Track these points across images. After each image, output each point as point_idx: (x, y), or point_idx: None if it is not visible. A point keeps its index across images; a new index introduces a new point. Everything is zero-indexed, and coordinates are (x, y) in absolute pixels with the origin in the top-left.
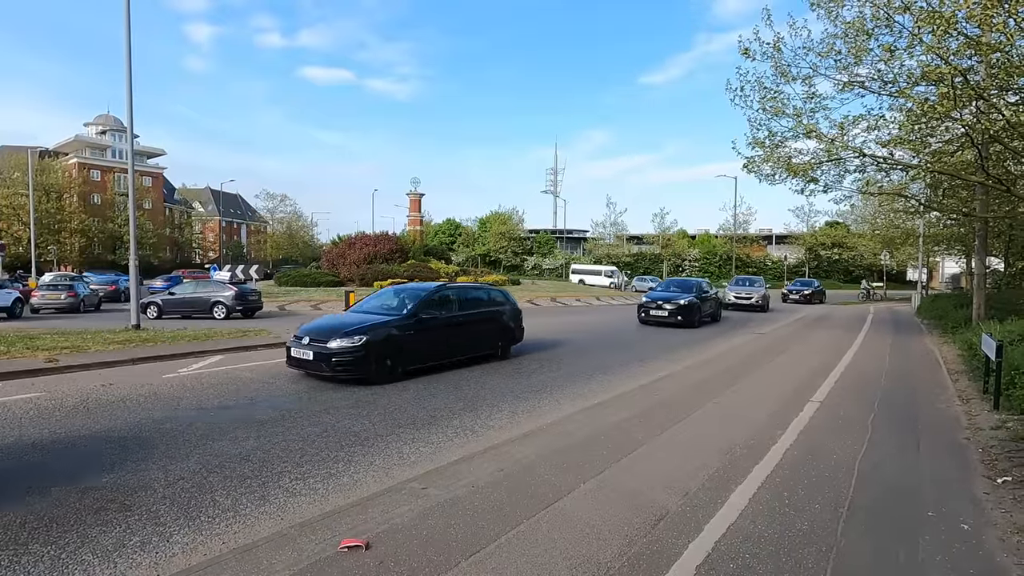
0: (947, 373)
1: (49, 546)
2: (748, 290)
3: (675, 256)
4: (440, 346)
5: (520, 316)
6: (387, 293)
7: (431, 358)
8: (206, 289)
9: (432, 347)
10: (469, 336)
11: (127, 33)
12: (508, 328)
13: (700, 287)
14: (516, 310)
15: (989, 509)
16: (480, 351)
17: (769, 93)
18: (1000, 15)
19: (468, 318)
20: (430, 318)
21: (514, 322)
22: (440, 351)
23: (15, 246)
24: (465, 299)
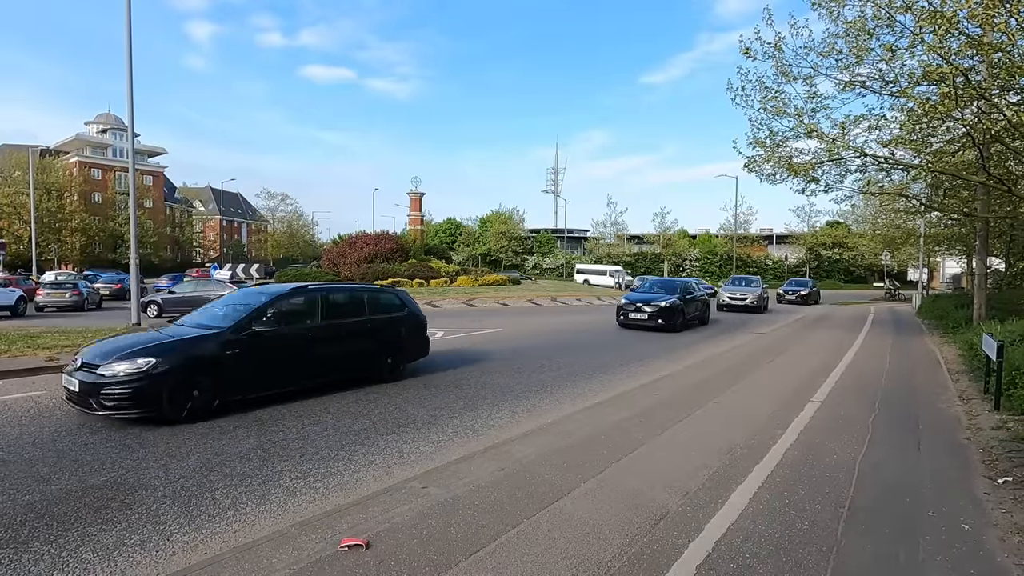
0: (948, 373)
1: (49, 544)
2: (743, 290)
3: (676, 256)
4: (285, 368)
5: (423, 326)
6: (232, 298)
7: (270, 384)
8: (206, 288)
9: (271, 370)
10: (337, 353)
11: (128, 32)
12: (400, 341)
13: (686, 287)
14: (416, 318)
15: (990, 509)
16: (354, 371)
17: (770, 93)
18: (1001, 15)
19: (335, 331)
20: (269, 331)
21: (413, 333)
22: (285, 374)
23: (16, 245)
24: (334, 305)
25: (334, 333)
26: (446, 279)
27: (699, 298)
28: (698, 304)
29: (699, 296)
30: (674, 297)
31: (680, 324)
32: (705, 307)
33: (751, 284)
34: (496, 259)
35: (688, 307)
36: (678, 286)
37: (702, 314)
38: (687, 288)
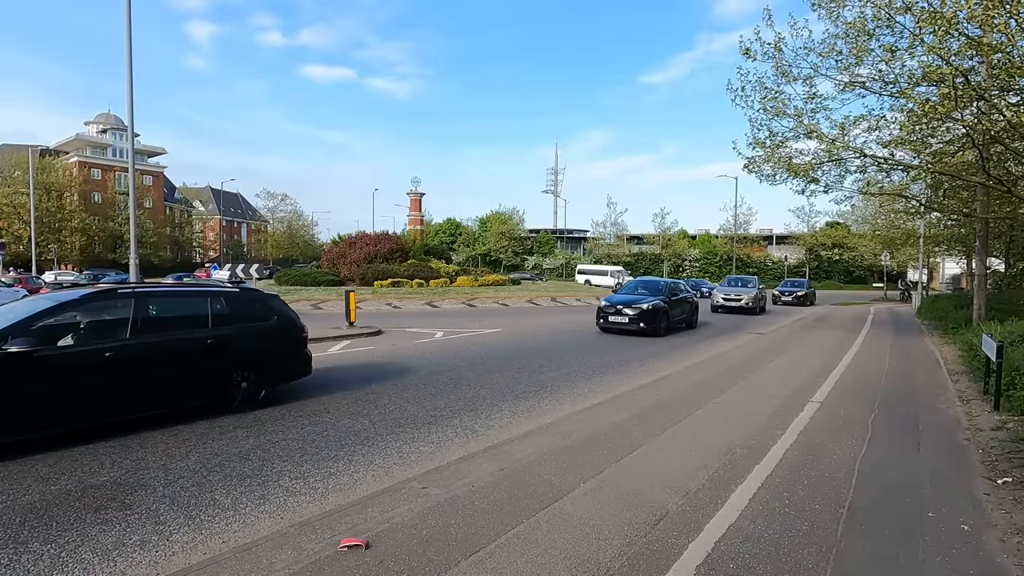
0: (947, 374)
1: (49, 544)
2: (738, 291)
3: (675, 256)
4: (66, 401)
5: (299, 338)
6: (11, 306)
7: (40, 423)
8: None
9: (41, 404)
10: (156, 377)
11: (128, 32)
12: (264, 359)
13: (672, 288)
14: (288, 328)
15: (989, 510)
16: (184, 400)
17: (770, 93)
18: (1001, 16)
19: (152, 349)
20: (38, 352)
21: (284, 348)
22: (64, 410)
23: (15, 245)
24: (154, 316)
25: (150, 352)
26: (446, 279)
27: (686, 300)
28: (684, 306)
29: (686, 297)
30: (657, 299)
31: (664, 328)
32: (692, 309)
33: (747, 285)
34: (496, 259)
35: (673, 309)
36: (663, 287)
37: (689, 317)
38: (673, 289)
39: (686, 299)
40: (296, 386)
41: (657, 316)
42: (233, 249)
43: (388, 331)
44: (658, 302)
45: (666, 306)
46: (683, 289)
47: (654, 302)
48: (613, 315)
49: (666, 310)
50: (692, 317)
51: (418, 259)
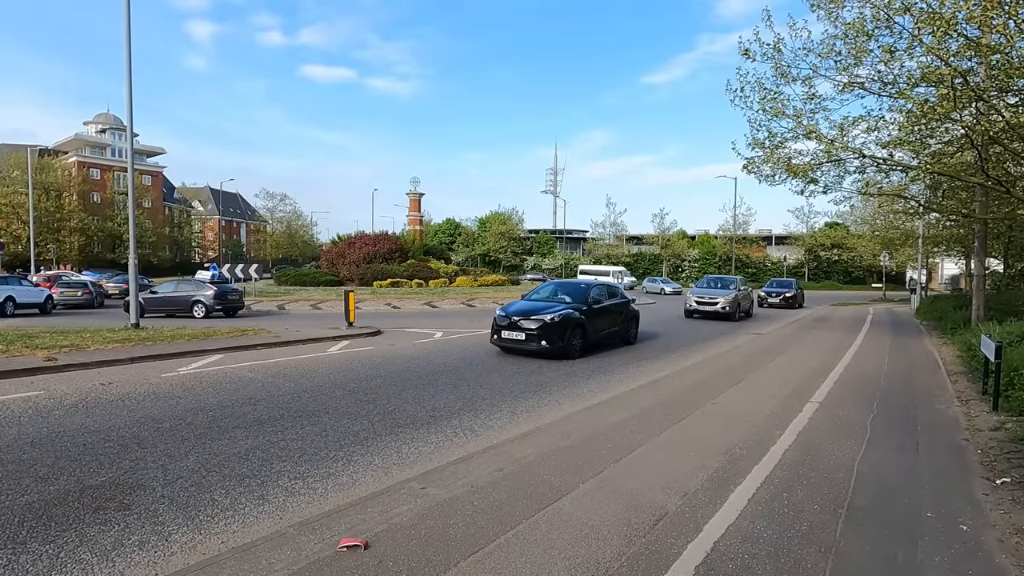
0: (946, 374)
1: (48, 544)
2: (713, 294)
3: (674, 256)
4: None
5: None
6: None
7: None
8: (186, 288)
9: None
10: None
11: (127, 31)
12: None
13: (599, 294)
14: None
15: (988, 510)
16: None
17: (769, 94)
18: (1000, 17)
19: None
20: None
21: None
22: None
23: (14, 244)
24: None
25: None
26: (445, 279)
27: (618, 308)
28: (614, 317)
29: (618, 305)
30: (569, 308)
31: (577, 346)
32: (628, 320)
33: (727, 286)
34: (495, 259)
35: (597, 321)
36: (586, 291)
37: (624, 330)
38: (599, 294)
39: (619, 307)
40: (295, 386)
41: (563, 332)
42: (232, 249)
43: (387, 331)
44: (568, 312)
45: (581, 317)
46: (618, 294)
47: (563, 312)
48: (507, 330)
49: (581, 322)
50: (629, 330)
51: (417, 259)
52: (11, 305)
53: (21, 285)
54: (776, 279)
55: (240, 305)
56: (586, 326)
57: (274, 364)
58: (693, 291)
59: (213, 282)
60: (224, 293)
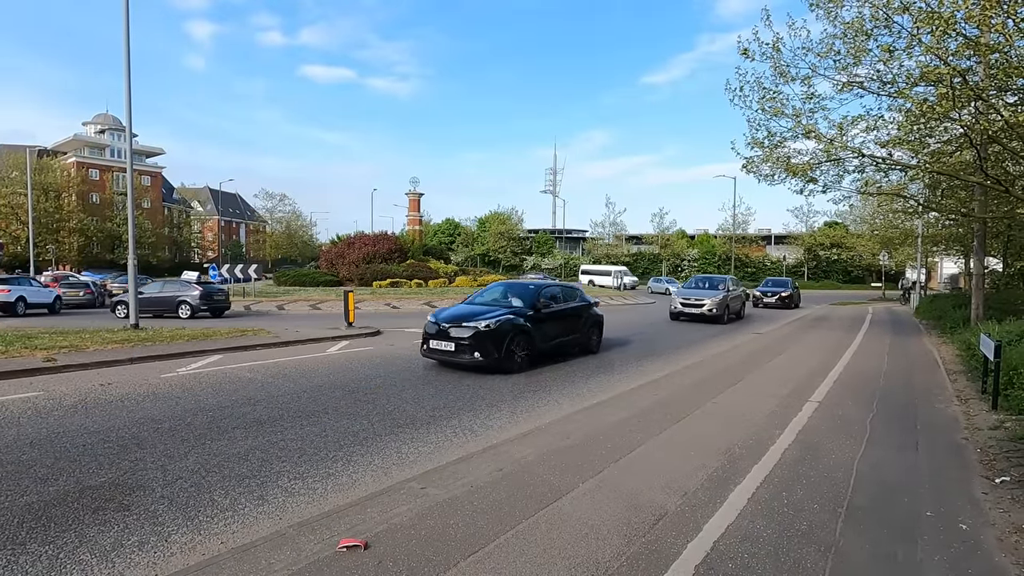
0: (945, 373)
1: (47, 545)
2: (700, 295)
3: (674, 256)
4: None
5: None
6: None
7: None
8: (172, 289)
9: None
10: None
11: (126, 32)
12: None
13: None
14: None
15: (987, 509)
16: None
17: (768, 93)
18: (999, 16)
19: None
20: None
21: None
22: None
23: (13, 245)
24: None
25: None
26: (445, 279)
27: (574, 313)
28: (570, 323)
29: (573, 310)
30: (507, 313)
31: (520, 358)
32: (588, 327)
33: (715, 286)
34: (495, 259)
35: (547, 327)
36: (535, 292)
37: (583, 337)
38: (551, 296)
39: (577, 312)
40: (295, 387)
41: (503, 340)
42: (232, 249)
43: (387, 331)
44: (507, 318)
45: (525, 324)
46: (577, 297)
47: (501, 318)
48: (436, 339)
49: (525, 330)
50: (589, 337)
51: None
52: (22, 305)
53: (31, 286)
54: (772, 278)
55: (227, 305)
56: (533, 334)
57: (274, 364)
58: (679, 292)
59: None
60: (210, 293)
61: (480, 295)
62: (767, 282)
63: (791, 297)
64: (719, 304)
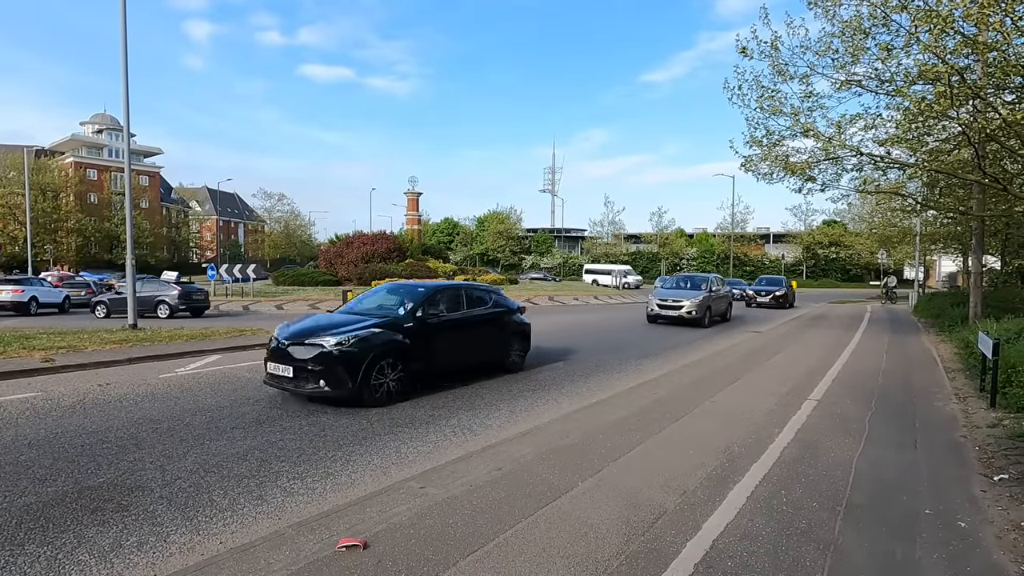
0: (944, 371)
1: (46, 546)
2: (678, 295)
3: (672, 255)
4: None
5: None
6: None
7: None
8: (151, 289)
9: None
10: None
11: (123, 31)
12: None
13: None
14: None
15: (986, 507)
16: None
17: (767, 92)
18: (997, 14)
19: None
20: None
21: None
22: None
23: (11, 245)
24: None
25: None
26: (443, 279)
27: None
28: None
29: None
30: (372, 325)
31: (389, 386)
32: (506, 340)
33: (697, 286)
34: (494, 259)
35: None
36: (423, 296)
37: (498, 353)
38: (449, 301)
39: (488, 320)
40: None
41: (362, 363)
42: (230, 249)
43: None
44: (370, 333)
45: (403, 339)
46: (489, 301)
47: (362, 332)
48: (276, 360)
49: (398, 347)
50: (509, 353)
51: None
52: (35, 304)
53: (43, 286)
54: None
55: (206, 305)
56: (414, 351)
57: None
58: (656, 293)
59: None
60: (188, 293)
61: (363, 299)
62: (760, 280)
63: (786, 296)
64: (699, 306)
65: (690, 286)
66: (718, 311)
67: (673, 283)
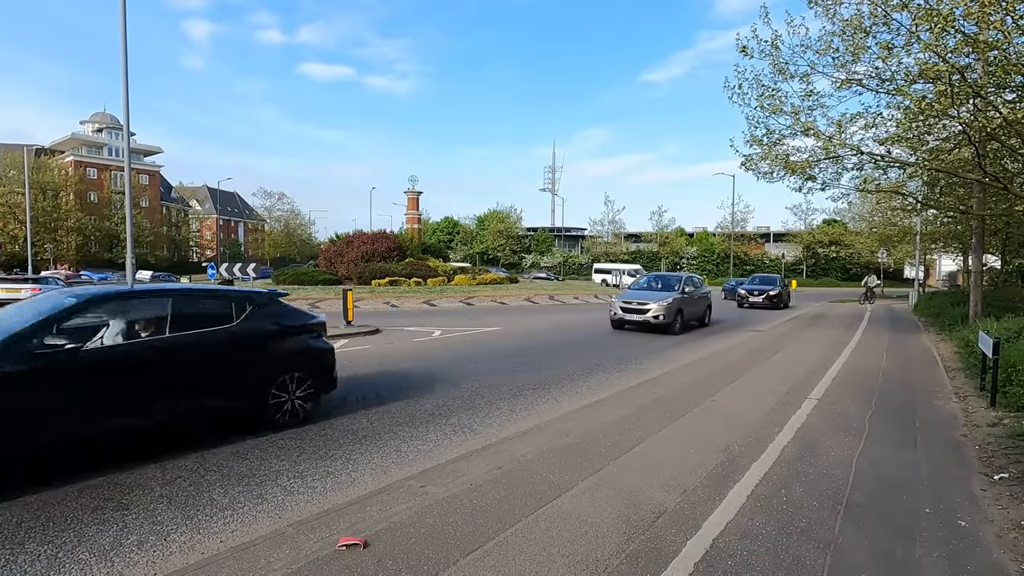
0: (944, 370)
1: (46, 545)
2: (645, 297)
3: (672, 254)
4: None
5: None
6: None
7: None
8: None
9: None
10: None
11: (123, 31)
12: None
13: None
14: None
15: (986, 506)
16: None
17: (767, 91)
18: (998, 13)
19: None
20: None
21: None
22: None
23: (11, 244)
24: None
25: None
26: (444, 278)
27: (197, 346)
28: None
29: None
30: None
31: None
32: (266, 371)
33: (670, 287)
34: (494, 258)
35: (79, 388)
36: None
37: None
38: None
39: (208, 344)
40: None
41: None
42: (230, 248)
43: (386, 330)
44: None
45: None
46: (222, 307)
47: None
48: None
49: None
50: (261, 395)
51: (416, 258)
52: None
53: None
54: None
55: None
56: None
57: None
58: (620, 297)
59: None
60: None
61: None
62: (753, 279)
63: (780, 296)
64: (668, 309)
65: (661, 286)
66: (693, 315)
67: (644, 283)
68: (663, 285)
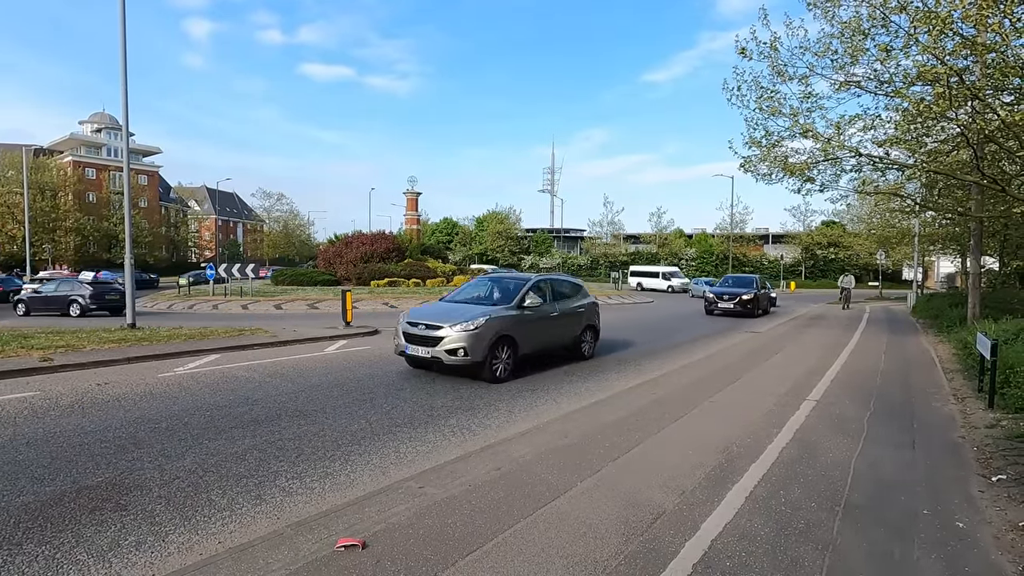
0: (942, 372)
1: (44, 546)
2: (445, 314)
3: (671, 255)
4: None
5: None
6: None
7: None
8: (66, 288)
9: None
10: None
11: (122, 30)
12: None
13: None
14: None
15: (984, 507)
16: None
17: (766, 93)
18: (995, 15)
19: None
20: None
21: None
22: None
23: (10, 244)
24: None
25: None
26: (443, 279)
27: None
28: None
29: None
30: None
31: None
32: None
33: (507, 297)
34: (493, 259)
35: None
36: None
37: None
38: None
39: None
40: (292, 386)
41: None
42: (229, 249)
43: (385, 331)
44: None
45: None
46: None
47: None
48: None
49: None
50: None
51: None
52: None
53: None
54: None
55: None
56: None
57: (271, 364)
58: (410, 312)
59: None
60: (102, 293)
61: None
62: (726, 280)
63: (756, 300)
64: (475, 337)
65: (497, 294)
66: (541, 342)
67: (473, 290)
68: (499, 293)
